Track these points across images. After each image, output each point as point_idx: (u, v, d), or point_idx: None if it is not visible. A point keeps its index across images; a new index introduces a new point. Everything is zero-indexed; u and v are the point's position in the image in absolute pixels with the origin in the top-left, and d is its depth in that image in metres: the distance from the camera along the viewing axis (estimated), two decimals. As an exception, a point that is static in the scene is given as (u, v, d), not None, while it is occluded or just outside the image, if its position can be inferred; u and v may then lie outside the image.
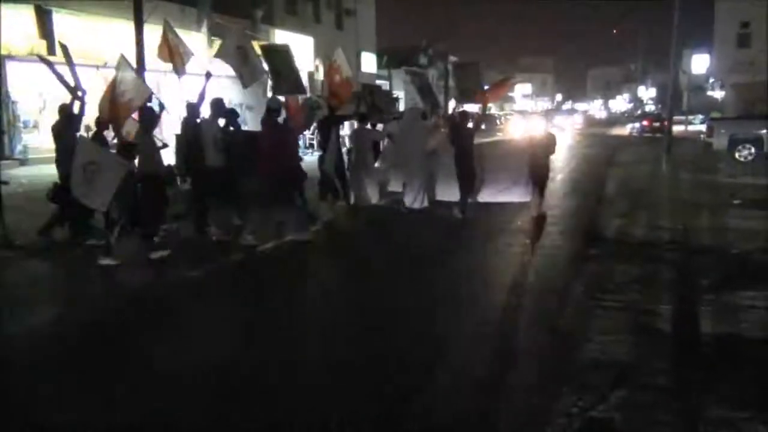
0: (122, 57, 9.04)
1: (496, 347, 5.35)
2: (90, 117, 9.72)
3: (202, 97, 9.53)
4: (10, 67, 18.39)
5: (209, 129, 9.31)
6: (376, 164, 12.01)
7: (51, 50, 18.12)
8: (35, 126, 18.64)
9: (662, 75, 66.22)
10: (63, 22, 18.92)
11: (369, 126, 12.39)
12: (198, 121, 9.57)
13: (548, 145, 10.88)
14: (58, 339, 5.63)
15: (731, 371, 4.78)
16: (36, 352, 5.33)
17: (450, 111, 14.53)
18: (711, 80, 47.23)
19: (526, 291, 7.02)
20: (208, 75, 9.78)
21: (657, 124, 38.71)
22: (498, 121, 48.30)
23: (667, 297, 6.61)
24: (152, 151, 8.46)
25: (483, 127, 12.64)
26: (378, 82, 41.85)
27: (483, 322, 5.94)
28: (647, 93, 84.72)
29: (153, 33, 16.43)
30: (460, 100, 12.46)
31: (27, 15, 18.37)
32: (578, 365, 4.88)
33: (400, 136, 11.95)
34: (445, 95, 47.82)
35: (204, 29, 25.13)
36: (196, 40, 24.96)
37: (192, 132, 9.48)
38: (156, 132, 8.99)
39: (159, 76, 22.11)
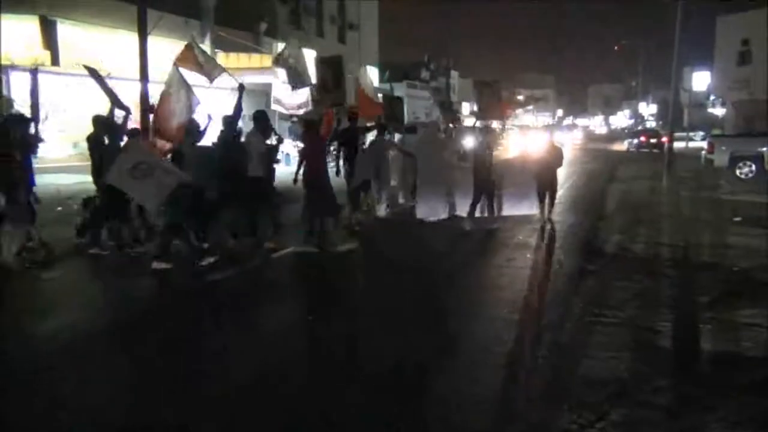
0: (175, 69, 9.18)
1: (494, 362, 5.33)
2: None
3: (239, 109, 9.64)
4: (14, 77, 18.47)
5: (255, 140, 9.45)
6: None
7: (55, 61, 18.22)
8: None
9: (663, 91, 66.45)
10: (67, 32, 19.00)
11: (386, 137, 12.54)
12: (234, 133, 9.65)
13: (555, 158, 11.30)
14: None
15: (731, 389, 4.75)
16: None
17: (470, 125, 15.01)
18: (711, 97, 47.39)
19: (525, 306, 7.01)
20: (242, 87, 9.91)
21: (654, 140, 39.64)
22: (500, 136, 48.47)
23: (667, 314, 6.59)
24: (199, 161, 8.73)
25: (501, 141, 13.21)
26: (379, 96, 41.97)
27: (482, 337, 5.92)
28: (648, 109, 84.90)
29: (157, 44, 16.54)
30: (481, 117, 12.94)
31: (31, 25, 18.46)
32: (577, 381, 4.86)
33: (421, 150, 12.17)
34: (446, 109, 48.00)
35: (207, 42, 25.27)
36: (199, 52, 25.07)
37: (229, 143, 9.49)
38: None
39: (160, 87, 22.14)
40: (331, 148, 10.23)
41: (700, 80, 47.90)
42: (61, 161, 19.37)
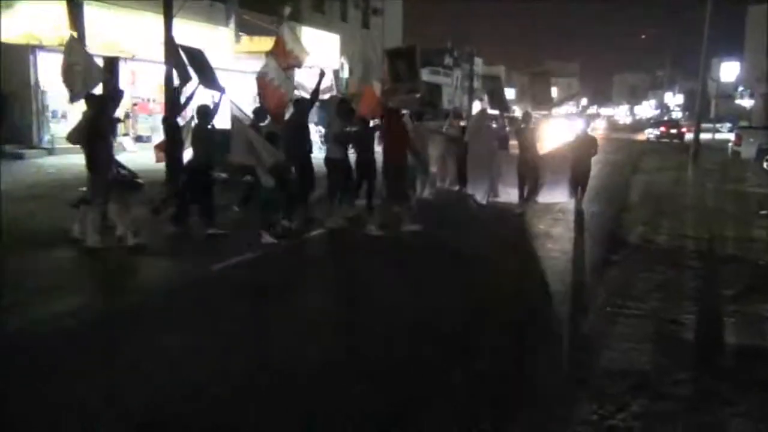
0: (271, 57, 10.19)
1: (515, 352, 5.33)
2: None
3: (316, 93, 10.19)
4: (41, 57, 18.67)
5: (335, 124, 9.98)
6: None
7: (81, 42, 18.33)
8: (63, 116, 18.90)
9: (689, 82, 65.53)
10: (94, 13, 19.13)
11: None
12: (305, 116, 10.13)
13: (590, 146, 11.58)
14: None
15: (754, 384, 4.71)
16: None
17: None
18: (740, 88, 46.64)
19: (547, 295, 6.98)
20: (322, 73, 10.33)
21: (673, 131, 40.55)
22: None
23: (690, 306, 6.52)
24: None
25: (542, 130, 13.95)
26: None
27: (503, 327, 5.92)
28: (674, 99, 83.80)
29: (182, 27, 16.58)
30: (533, 106, 13.12)
31: (58, 6, 18.60)
32: (598, 372, 4.84)
33: (472, 136, 12.51)
34: (469, 96, 47.72)
35: (231, 25, 25.31)
36: (224, 36, 25.16)
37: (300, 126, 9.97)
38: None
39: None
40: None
41: (729, 71, 47.15)
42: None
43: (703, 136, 27.37)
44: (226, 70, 25.38)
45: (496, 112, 13.78)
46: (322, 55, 11.91)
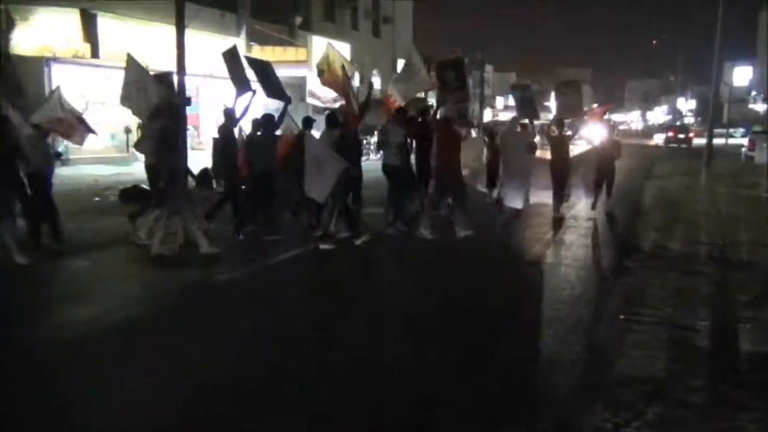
0: (347, 62, 10.60)
1: (529, 359, 5.31)
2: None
3: (366, 105, 10.25)
4: (55, 69, 18.87)
5: (395, 133, 10.22)
6: None
7: (95, 53, 18.56)
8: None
9: (702, 87, 65.14)
10: (107, 25, 19.35)
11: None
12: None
13: (614, 149, 12.47)
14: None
15: (770, 391, 4.66)
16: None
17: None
18: (753, 93, 46.34)
19: (561, 302, 6.96)
20: (371, 85, 10.97)
21: (682, 135, 41.89)
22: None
23: (705, 312, 6.48)
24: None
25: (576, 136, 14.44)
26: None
27: (516, 333, 5.90)
28: (687, 105, 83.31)
29: (194, 37, 16.68)
30: (562, 114, 13.66)
31: (72, 18, 18.83)
32: (612, 380, 4.81)
33: (506, 143, 12.80)
34: (480, 103, 47.72)
35: (243, 35, 25.49)
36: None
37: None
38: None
39: (198, 80, 22.49)
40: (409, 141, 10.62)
41: (742, 75, 46.86)
42: (97, 152, 19.74)
43: (716, 141, 27.16)
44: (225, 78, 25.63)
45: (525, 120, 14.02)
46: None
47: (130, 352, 5.28)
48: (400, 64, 41.16)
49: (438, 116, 10.69)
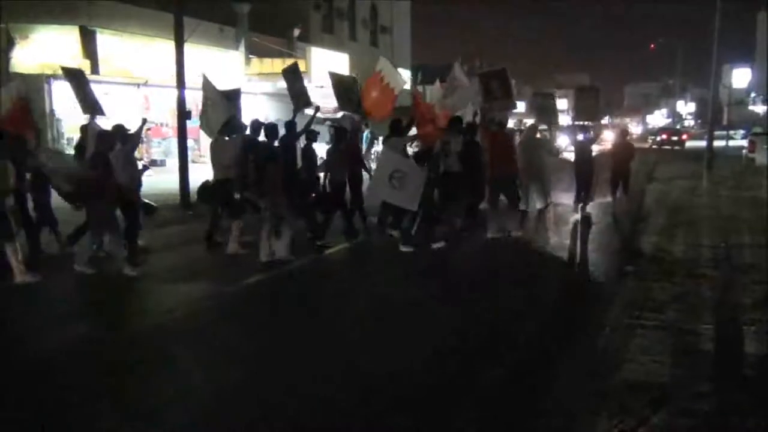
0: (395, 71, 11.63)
1: (533, 365, 5.30)
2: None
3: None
4: (56, 86, 18.95)
5: (456, 141, 10.52)
6: None
7: (94, 70, 18.62)
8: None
9: (701, 89, 65.22)
10: (106, 42, 19.45)
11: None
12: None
13: (628, 151, 13.78)
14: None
15: (777, 395, 4.64)
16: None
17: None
18: (752, 94, 46.38)
19: (564, 307, 6.95)
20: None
21: (675, 138, 44.07)
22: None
23: (709, 317, 6.46)
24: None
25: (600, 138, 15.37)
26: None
27: (520, 339, 5.89)
28: (686, 108, 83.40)
29: (193, 52, 16.76)
30: (578, 118, 14.70)
31: (72, 35, 18.92)
32: (618, 386, 4.79)
33: (522, 149, 13.14)
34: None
35: (241, 48, 25.59)
36: (234, 59, 25.43)
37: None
38: None
39: (196, 94, 22.48)
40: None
41: (741, 77, 46.89)
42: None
43: (717, 143, 27.14)
44: (247, 93, 25.74)
45: (544, 126, 14.85)
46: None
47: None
48: (401, 70, 41.32)
49: (487, 124, 11.43)
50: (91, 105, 10.41)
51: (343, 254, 9.93)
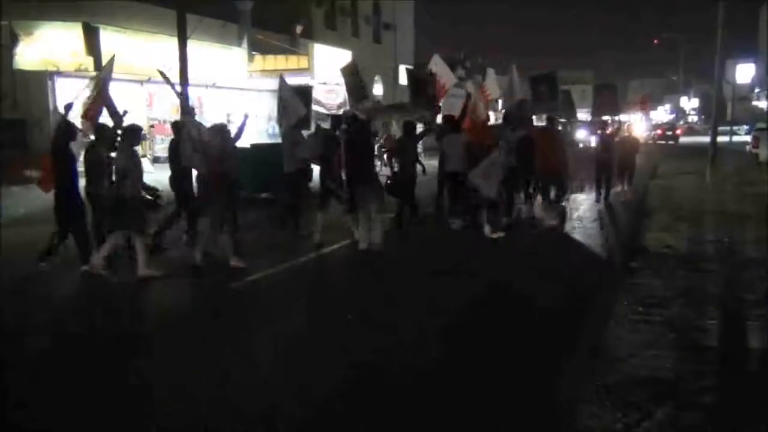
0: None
1: (537, 361, 5.30)
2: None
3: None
4: (59, 83, 18.99)
5: (511, 136, 11.14)
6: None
7: (98, 67, 18.63)
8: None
9: (705, 85, 65.04)
10: (109, 38, 19.45)
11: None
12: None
13: (634, 145, 15.11)
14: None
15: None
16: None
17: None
18: (756, 90, 46.24)
19: (568, 303, 6.95)
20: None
21: (669, 133, 46.80)
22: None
23: (713, 312, 6.44)
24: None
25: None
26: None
27: (523, 336, 5.90)
28: (690, 103, 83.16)
29: (196, 48, 16.77)
30: (597, 113, 15.53)
31: (75, 32, 18.94)
32: (622, 381, 4.78)
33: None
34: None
35: (244, 44, 25.60)
36: (237, 56, 25.44)
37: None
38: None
39: (201, 90, 22.56)
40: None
41: (744, 72, 46.74)
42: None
43: (720, 139, 27.03)
44: (241, 89, 25.78)
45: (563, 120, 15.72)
46: (334, 72, 12.54)
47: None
48: (401, 69, 41.32)
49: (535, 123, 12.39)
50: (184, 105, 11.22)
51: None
